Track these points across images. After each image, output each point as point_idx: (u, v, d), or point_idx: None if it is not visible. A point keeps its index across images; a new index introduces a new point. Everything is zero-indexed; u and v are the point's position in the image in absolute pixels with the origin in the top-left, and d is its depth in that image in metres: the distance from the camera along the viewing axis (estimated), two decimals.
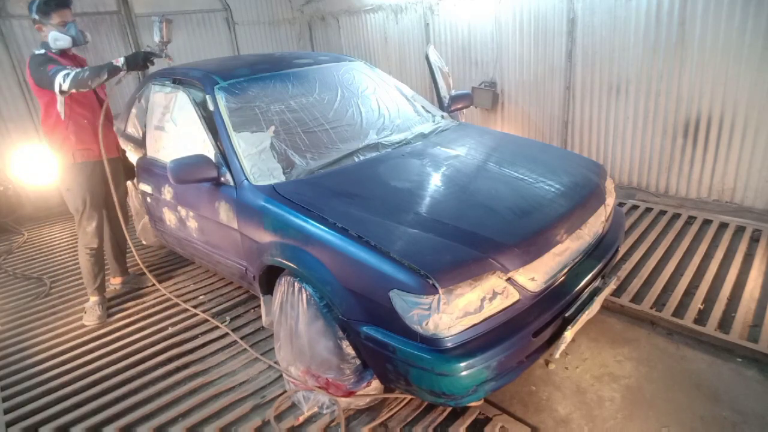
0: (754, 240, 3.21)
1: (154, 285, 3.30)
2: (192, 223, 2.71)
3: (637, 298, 2.71)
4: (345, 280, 1.81)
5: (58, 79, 2.49)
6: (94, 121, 2.79)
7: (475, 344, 1.68)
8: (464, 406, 2.01)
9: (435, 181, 2.26)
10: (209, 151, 2.43)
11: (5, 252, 4.11)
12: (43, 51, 2.61)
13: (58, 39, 2.59)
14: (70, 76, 2.49)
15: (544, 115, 4.72)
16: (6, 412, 2.27)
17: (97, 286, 3.00)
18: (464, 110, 3.37)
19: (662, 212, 3.74)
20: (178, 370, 2.47)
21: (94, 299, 3.00)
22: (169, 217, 2.94)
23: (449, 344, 1.65)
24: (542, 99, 4.68)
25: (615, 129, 4.19)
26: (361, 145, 2.58)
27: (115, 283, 3.31)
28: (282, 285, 2.10)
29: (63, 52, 2.67)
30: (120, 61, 2.57)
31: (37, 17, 2.58)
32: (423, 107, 3.17)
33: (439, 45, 5.38)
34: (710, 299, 2.65)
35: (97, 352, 2.66)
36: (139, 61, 2.60)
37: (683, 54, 3.59)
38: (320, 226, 1.91)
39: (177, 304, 3.06)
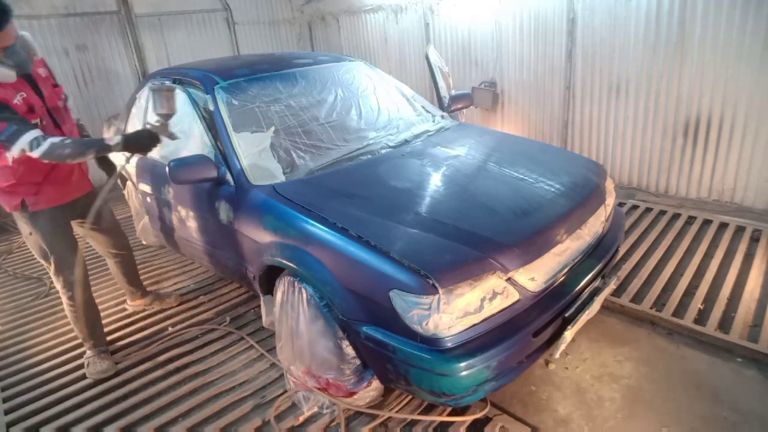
0: (754, 240, 3.21)
1: (177, 301, 3.04)
2: (192, 223, 2.71)
3: (637, 298, 2.71)
4: (345, 280, 1.81)
5: (21, 144, 1.90)
6: (47, 126, 2.14)
7: (475, 344, 1.68)
8: (464, 406, 2.01)
9: (435, 181, 2.26)
10: (209, 151, 2.43)
11: (5, 252, 4.11)
12: None
13: None
14: (43, 147, 1.92)
15: (544, 115, 4.72)
16: (7, 412, 2.27)
17: (97, 335, 2.52)
18: (464, 110, 3.37)
19: (662, 212, 3.74)
20: (178, 370, 2.47)
21: (91, 351, 2.50)
22: (169, 217, 2.94)
23: (449, 344, 1.65)
24: (542, 99, 4.68)
25: (615, 129, 4.19)
26: (361, 145, 2.58)
27: (135, 305, 2.96)
28: (282, 285, 2.10)
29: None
30: (114, 140, 2.05)
31: None
32: (423, 107, 3.17)
33: (439, 45, 5.38)
34: (710, 299, 2.65)
35: None
36: (144, 142, 2.09)
37: (683, 54, 3.59)
38: (320, 226, 1.91)
39: (177, 305, 3.07)
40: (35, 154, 1.93)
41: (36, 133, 1.94)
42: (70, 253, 2.33)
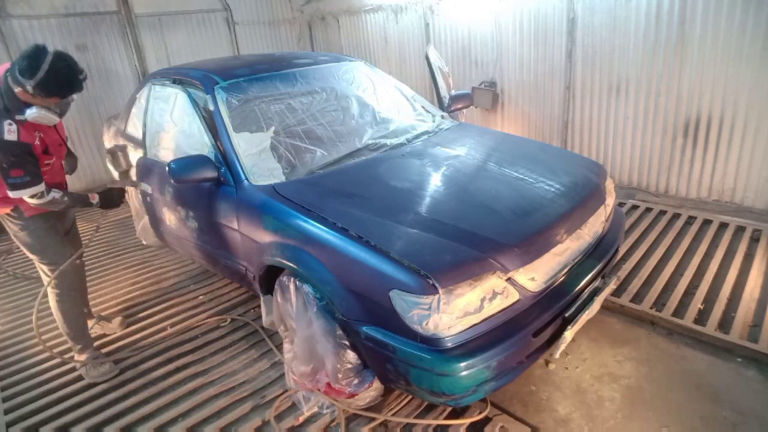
0: (754, 240, 3.21)
1: (123, 324, 2.88)
2: (192, 223, 2.71)
3: (637, 298, 2.71)
4: (345, 280, 1.81)
5: (25, 193, 2.06)
6: (55, 163, 2.31)
7: (475, 344, 1.68)
8: (464, 406, 2.01)
9: (435, 181, 2.26)
10: (209, 151, 2.43)
11: (5, 252, 4.11)
12: (14, 136, 1.97)
13: (41, 118, 2.04)
14: (44, 200, 2.12)
15: (544, 115, 4.72)
16: (6, 412, 2.27)
17: (88, 335, 2.54)
18: (464, 110, 3.37)
19: (662, 212, 3.74)
20: (178, 370, 2.47)
21: (88, 354, 2.48)
22: (169, 217, 2.94)
23: (449, 344, 1.65)
24: (542, 99, 4.68)
25: (615, 129, 4.19)
26: (361, 144, 2.58)
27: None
28: (282, 285, 2.10)
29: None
30: (95, 199, 2.37)
31: (30, 90, 1.94)
32: (423, 107, 3.16)
33: (439, 45, 5.38)
34: (710, 299, 2.65)
35: None
36: (116, 200, 2.48)
37: (683, 54, 3.59)
38: (320, 226, 1.91)
39: (177, 305, 3.07)
40: (33, 202, 2.12)
41: (41, 187, 2.11)
42: (62, 247, 2.41)
